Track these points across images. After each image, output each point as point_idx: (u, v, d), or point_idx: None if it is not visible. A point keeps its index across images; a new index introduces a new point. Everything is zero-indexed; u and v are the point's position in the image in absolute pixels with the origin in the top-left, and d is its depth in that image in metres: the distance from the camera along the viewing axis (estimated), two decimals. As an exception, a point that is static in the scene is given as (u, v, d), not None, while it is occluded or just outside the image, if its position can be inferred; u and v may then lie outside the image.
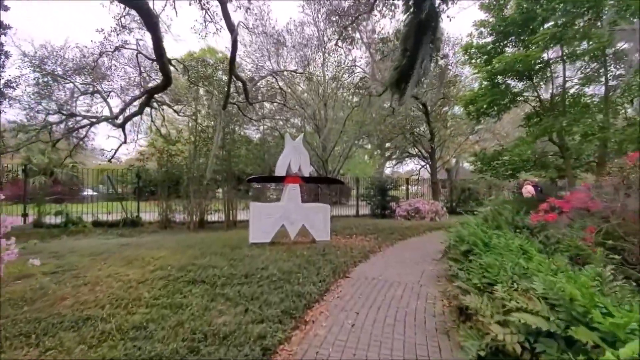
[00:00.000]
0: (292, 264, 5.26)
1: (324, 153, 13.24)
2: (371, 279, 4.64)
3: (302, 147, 7.79)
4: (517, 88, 8.60)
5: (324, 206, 7.91)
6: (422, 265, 5.60)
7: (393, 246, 7.41)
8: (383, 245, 7.30)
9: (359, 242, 7.78)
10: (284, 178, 7.60)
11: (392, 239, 8.04)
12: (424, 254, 6.49)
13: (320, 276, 4.51)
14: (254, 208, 7.42)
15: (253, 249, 7.04)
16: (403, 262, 5.72)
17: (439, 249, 6.94)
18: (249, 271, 4.91)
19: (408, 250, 6.97)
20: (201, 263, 5.65)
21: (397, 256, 6.24)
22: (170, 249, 7.22)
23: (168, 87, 8.06)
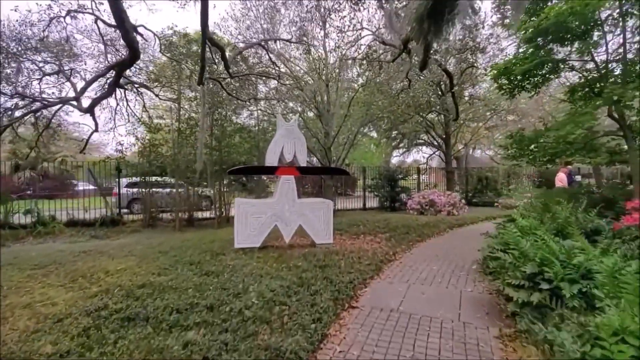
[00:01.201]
0: (280, 285, 3.89)
1: (326, 140, 11.76)
2: (389, 312, 3.25)
3: (297, 130, 6.36)
4: (560, 54, 7.01)
5: (325, 202, 6.50)
6: (455, 283, 4.19)
7: (411, 251, 6.00)
8: (398, 250, 5.89)
9: (369, 245, 6.39)
10: (275, 169, 6.20)
11: (408, 240, 6.63)
12: (454, 264, 5.07)
13: (316, 310, 3.12)
14: (239, 205, 6.05)
15: (239, 256, 5.73)
16: (429, 279, 4.32)
17: (472, 256, 5.51)
18: (219, 298, 3.55)
19: (431, 257, 5.55)
20: (162, 281, 4.32)
21: (419, 268, 4.83)
22: (138, 257, 5.94)
23: (135, 61, 6.64)
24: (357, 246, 6.30)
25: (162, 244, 7.08)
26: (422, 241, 6.70)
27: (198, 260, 5.60)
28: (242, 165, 9.99)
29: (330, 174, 10.78)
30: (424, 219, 9.31)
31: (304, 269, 4.53)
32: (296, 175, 6.43)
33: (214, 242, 7.11)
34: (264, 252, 5.92)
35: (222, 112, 10.68)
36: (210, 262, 5.48)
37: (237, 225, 6.04)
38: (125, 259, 5.85)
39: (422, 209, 11.70)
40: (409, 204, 12.13)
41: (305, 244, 6.71)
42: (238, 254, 5.93)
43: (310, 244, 6.60)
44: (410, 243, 6.41)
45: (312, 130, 12.45)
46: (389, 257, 5.33)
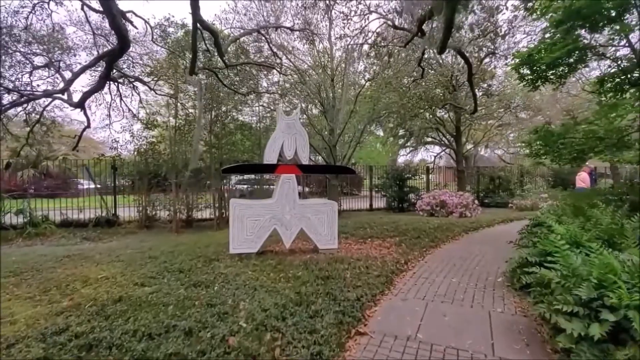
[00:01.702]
0: (274, 303, 3.34)
1: (331, 137, 11.17)
2: (404, 340, 2.65)
3: (299, 125, 5.80)
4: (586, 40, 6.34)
5: (329, 203, 5.94)
6: (481, 300, 3.58)
7: (424, 259, 5.39)
8: (411, 258, 5.29)
9: (377, 252, 5.81)
10: (274, 167, 5.64)
11: (420, 246, 6.02)
12: (476, 276, 4.46)
13: (315, 339, 2.55)
14: (234, 207, 5.51)
15: (233, 263, 5.20)
16: (450, 295, 3.71)
17: (494, 266, 4.91)
18: (201, 319, 3.01)
19: (448, 266, 4.94)
20: (142, 294, 3.80)
21: (436, 280, 4.21)
22: (125, 263, 5.44)
23: (125, 50, 6.14)
24: (365, 252, 5.72)
25: (153, 248, 6.58)
26: (435, 247, 6.09)
27: (189, 268, 5.09)
28: (245, 162, 9.48)
29: (335, 173, 10.15)
30: (435, 222, 8.69)
31: (303, 281, 3.97)
32: (297, 173, 5.88)
33: (209, 246, 6.60)
34: (261, 258, 5.38)
35: (222, 108, 10.16)
36: (202, 270, 4.97)
37: (232, 229, 5.50)
38: (110, 266, 5.35)
39: (432, 210, 11.07)
40: (419, 205, 11.50)
41: (308, 249, 6.15)
42: (233, 260, 5.40)
43: (312, 249, 6.05)
44: (423, 249, 5.81)
45: (317, 127, 11.88)
46: (401, 266, 4.73)
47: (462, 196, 11.20)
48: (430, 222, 8.49)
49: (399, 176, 13.40)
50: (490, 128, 16.74)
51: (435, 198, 11.13)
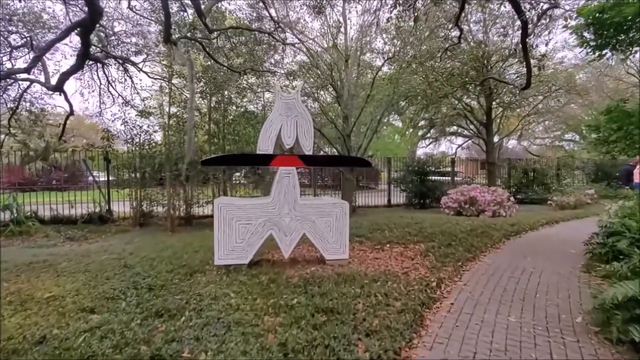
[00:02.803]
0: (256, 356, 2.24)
1: (345, 126, 9.96)
2: None
3: (300, 105, 4.64)
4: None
5: (338, 204, 4.77)
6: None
7: (462, 278, 4.15)
8: (444, 276, 4.06)
9: (398, 265, 4.63)
10: (269, 158, 4.53)
11: (454, 257, 4.78)
12: (543, 312, 3.17)
13: None
14: (220, 208, 4.44)
15: (217, 277, 4.19)
16: (513, 349, 2.45)
17: (562, 293, 3.64)
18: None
19: (499, 294, 3.59)
20: (76, 331, 2.80)
21: (486, 320, 2.86)
22: (91, 274, 4.54)
23: (97, 19, 5.15)
24: (383, 266, 4.55)
25: (135, 252, 5.64)
26: (474, 259, 4.83)
27: (162, 284, 4.10)
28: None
29: (346, 165, 8.83)
30: (465, 222, 7.38)
31: (297, 317, 2.86)
32: (299, 166, 4.75)
33: (200, 250, 5.61)
34: (253, 271, 4.31)
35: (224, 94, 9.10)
36: (177, 287, 3.97)
37: (217, 234, 4.44)
38: (72, 277, 4.43)
39: (460, 208, 9.72)
40: (444, 202, 10.16)
41: (312, 258, 5.05)
42: (219, 273, 4.37)
43: (318, 258, 4.93)
44: (459, 263, 4.57)
45: (329, 115, 10.68)
46: (432, 291, 3.53)
47: (496, 192, 9.78)
48: (460, 224, 7.19)
49: (421, 169, 12.06)
50: (526, 115, 14.99)
51: (464, 194, 9.76)
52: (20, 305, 3.48)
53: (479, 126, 12.98)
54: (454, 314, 3.05)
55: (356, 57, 10.36)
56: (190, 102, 6.57)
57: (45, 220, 8.89)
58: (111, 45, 7.98)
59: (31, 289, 3.96)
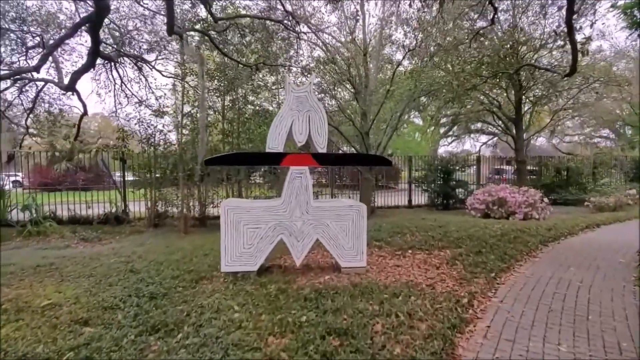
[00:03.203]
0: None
1: (363, 123, 9.50)
2: None
3: (313, 99, 4.26)
4: None
5: (355, 206, 4.35)
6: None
7: (497, 293, 3.63)
8: (475, 290, 3.57)
9: (422, 275, 4.17)
10: (280, 157, 4.17)
11: (486, 268, 4.25)
12: (600, 341, 2.65)
13: None
14: (227, 211, 4.12)
15: (224, 286, 3.89)
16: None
17: (619, 314, 3.09)
18: None
19: (543, 315, 3.03)
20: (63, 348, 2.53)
21: (532, 349, 2.37)
22: (95, 279, 4.35)
23: (104, 14, 4.98)
24: (404, 276, 4.10)
25: (143, 256, 5.44)
26: (508, 270, 4.29)
27: (165, 292, 3.83)
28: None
29: (365, 165, 8.30)
30: (495, 226, 6.76)
31: (305, 340, 2.47)
32: (312, 165, 4.37)
33: (209, 253, 5.34)
34: (262, 279, 3.97)
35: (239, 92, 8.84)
36: (180, 296, 3.69)
37: (224, 239, 4.13)
38: (75, 283, 4.24)
39: (487, 209, 9.07)
40: (470, 203, 9.52)
41: (327, 265, 4.66)
42: (225, 281, 4.06)
43: (333, 265, 4.54)
44: (491, 274, 4.04)
45: (347, 112, 10.25)
46: (463, 309, 3.05)
47: (527, 193, 9.05)
48: (490, 227, 6.59)
49: (444, 168, 11.42)
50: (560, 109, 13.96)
51: (492, 195, 9.09)
52: (15, 314, 3.28)
53: (507, 122, 12.17)
54: (492, 340, 2.57)
55: (375, 51, 9.87)
56: (201, 99, 6.34)
57: (63, 220, 8.93)
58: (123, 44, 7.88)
59: (31, 295, 3.78)
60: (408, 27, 8.17)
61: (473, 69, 7.09)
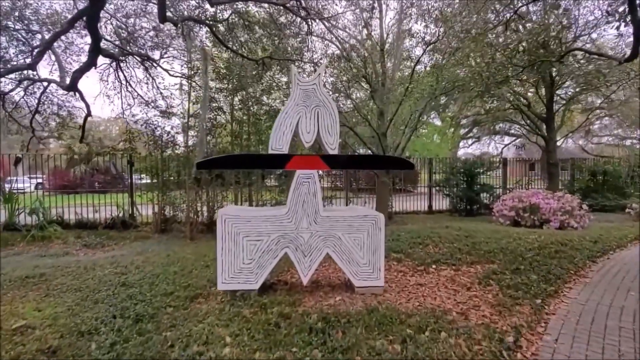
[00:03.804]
0: None
1: (380, 122, 8.89)
2: None
3: (322, 93, 3.71)
4: None
5: (371, 216, 3.77)
6: None
7: (547, 329, 2.96)
8: (520, 322, 2.92)
9: (450, 297, 3.54)
10: (284, 160, 3.64)
11: (528, 290, 3.57)
12: None
13: None
14: (224, 220, 3.62)
15: (219, 307, 3.40)
16: None
17: None
18: None
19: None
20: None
21: None
22: (83, 294, 3.96)
23: (99, 7, 4.62)
24: (429, 299, 3.49)
25: (140, 267, 5.03)
26: (556, 294, 3.57)
27: (153, 313, 3.37)
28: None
29: (383, 168, 7.50)
30: (530, 236, 6.00)
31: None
32: (322, 169, 3.83)
33: (211, 265, 4.89)
34: (261, 301, 3.45)
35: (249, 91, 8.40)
36: (169, 319, 3.24)
37: (221, 254, 3.63)
38: (59, 298, 3.85)
39: (517, 216, 8.26)
40: (497, 209, 8.72)
41: (338, 283, 4.10)
42: (222, 301, 3.56)
43: (345, 282, 3.98)
44: (536, 299, 3.36)
45: (362, 111, 9.66)
46: (510, 352, 2.42)
47: (563, 198, 8.19)
48: (524, 238, 5.85)
49: (468, 171, 10.64)
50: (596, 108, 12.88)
51: (523, 200, 8.27)
52: (-23, 339, 2.87)
53: (536, 121, 11.25)
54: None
55: (393, 46, 9.25)
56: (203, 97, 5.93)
57: (70, 224, 8.70)
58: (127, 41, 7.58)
59: (6, 314, 3.39)
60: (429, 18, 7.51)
61: (507, 57, 6.25)
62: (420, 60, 8.86)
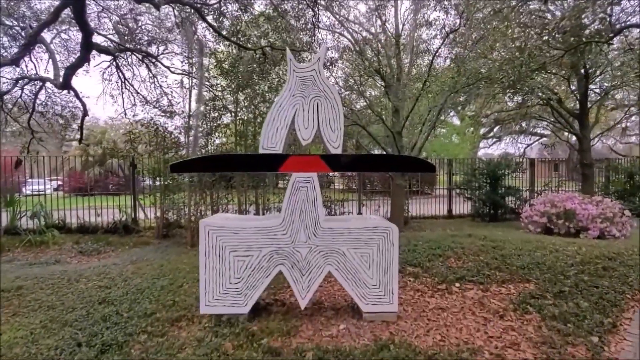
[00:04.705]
0: None
1: (395, 120, 8.23)
2: None
3: (322, 81, 3.12)
4: None
5: (381, 228, 3.14)
6: None
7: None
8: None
9: (481, 329, 2.90)
10: (278, 160, 3.07)
11: (581, 324, 2.86)
12: None
13: None
14: (207, 232, 3.10)
15: (200, 336, 2.89)
16: None
17: None
18: None
19: None
20: None
21: None
22: (53, 314, 3.50)
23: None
24: (453, 331, 2.85)
25: (128, 280, 4.57)
26: (615, 328, 2.86)
27: (123, 341, 2.88)
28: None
29: (400, 170, 6.60)
30: (568, 247, 5.20)
31: None
32: (323, 171, 3.24)
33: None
34: (250, 329, 2.90)
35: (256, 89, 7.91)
36: (140, 349, 2.75)
37: (203, 271, 3.10)
38: (26, 319, 3.43)
39: (550, 223, 7.41)
40: (527, 215, 7.89)
41: (343, 304, 3.50)
42: (204, 328, 3.03)
43: (351, 305, 3.37)
44: (593, 335, 2.67)
45: (376, 109, 9.02)
46: None
47: (602, 203, 7.29)
48: (562, 250, 5.06)
49: (492, 173, 9.81)
50: (635, 104, 11.74)
51: (556, 205, 7.41)
52: None
53: (568, 118, 10.28)
54: None
55: (409, 38, 8.58)
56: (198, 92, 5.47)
57: (71, 229, 8.44)
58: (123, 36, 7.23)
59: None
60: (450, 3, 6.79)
61: (545, 40, 5.40)
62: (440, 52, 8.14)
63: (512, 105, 11.29)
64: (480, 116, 14.50)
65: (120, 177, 18.99)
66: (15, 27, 6.66)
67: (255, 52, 6.45)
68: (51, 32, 7.15)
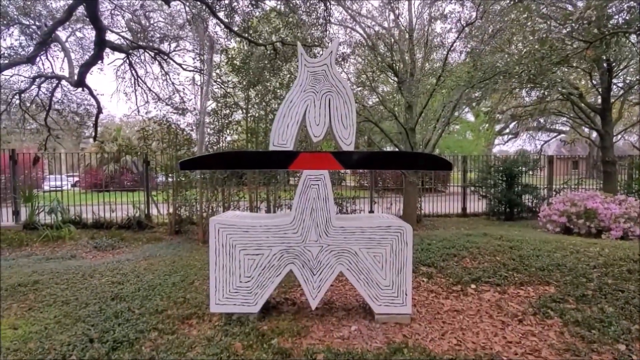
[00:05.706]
0: None
1: (408, 116, 8.06)
2: None
3: (334, 76, 3.04)
4: None
5: (394, 227, 3.05)
6: None
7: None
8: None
9: (499, 334, 2.79)
10: (288, 158, 3.01)
11: (607, 331, 2.72)
12: None
13: None
14: (217, 230, 3.07)
15: (210, 335, 2.88)
16: None
17: None
18: None
19: None
20: None
21: None
22: (65, 310, 3.54)
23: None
24: (470, 336, 2.74)
25: (140, 275, 4.61)
26: (645, 336, 2.73)
27: (134, 338, 2.90)
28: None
29: (414, 168, 6.25)
30: (590, 249, 4.98)
31: None
32: (334, 168, 3.15)
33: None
34: (260, 329, 2.86)
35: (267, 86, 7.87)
36: (150, 347, 2.75)
37: (213, 269, 3.07)
38: (41, 314, 3.48)
39: (569, 223, 7.16)
40: (545, 214, 7.64)
41: (355, 304, 3.42)
42: (216, 327, 3.02)
43: (363, 306, 3.30)
44: (620, 343, 2.53)
45: (389, 105, 8.86)
46: None
47: (626, 202, 6.99)
48: (583, 251, 4.86)
49: (508, 170, 9.55)
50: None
51: (576, 204, 7.14)
52: None
53: (589, 113, 9.90)
54: None
55: (423, 32, 8.38)
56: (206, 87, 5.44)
57: (87, 224, 8.59)
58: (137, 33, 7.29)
59: (-23, 332, 3.01)
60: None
61: (568, 31, 5.11)
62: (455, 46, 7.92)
63: (530, 101, 10.94)
64: (495, 112, 14.13)
65: (134, 173, 19.36)
66: (32, 26, 6.80)
67: (267, 48, 6.40)
68: (66, 30, 7.28)
